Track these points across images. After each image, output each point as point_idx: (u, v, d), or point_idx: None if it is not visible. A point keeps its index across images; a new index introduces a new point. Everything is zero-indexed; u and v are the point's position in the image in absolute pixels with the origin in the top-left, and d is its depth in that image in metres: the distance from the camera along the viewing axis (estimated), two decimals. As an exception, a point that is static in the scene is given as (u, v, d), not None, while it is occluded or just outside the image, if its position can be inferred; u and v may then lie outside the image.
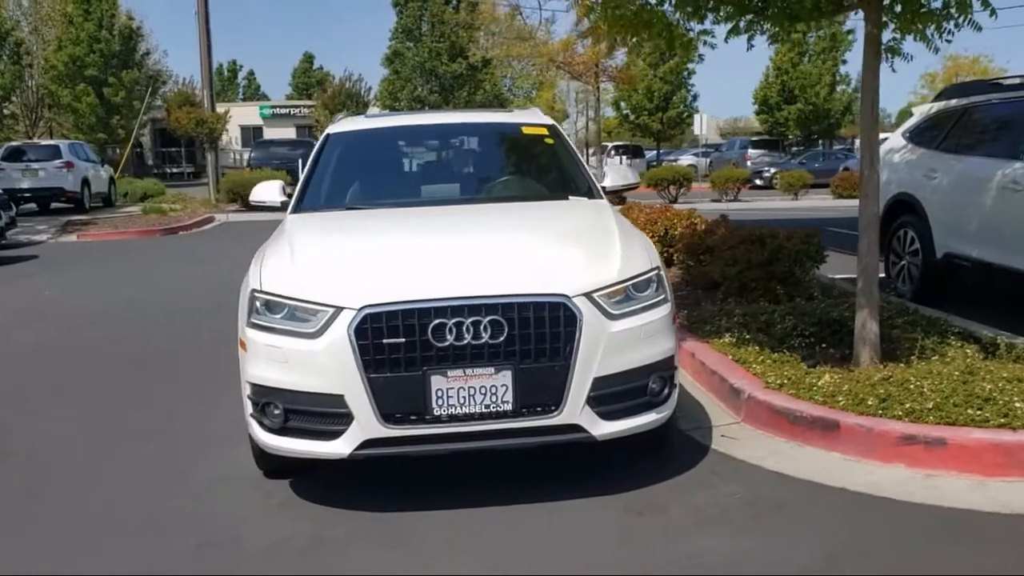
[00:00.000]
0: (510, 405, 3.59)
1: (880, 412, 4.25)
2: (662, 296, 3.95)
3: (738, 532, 3.52)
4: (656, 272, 3.99)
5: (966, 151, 7.19)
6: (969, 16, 4.95)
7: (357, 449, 3.61)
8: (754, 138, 42.76)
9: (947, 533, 3.46)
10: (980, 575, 3.14)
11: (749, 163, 34.96)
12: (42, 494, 4.22)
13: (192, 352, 7.00)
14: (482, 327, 3.55)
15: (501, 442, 3.65)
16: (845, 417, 4.26)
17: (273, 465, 4.17)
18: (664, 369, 3.91)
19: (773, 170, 32.22)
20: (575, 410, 3.64)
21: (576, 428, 3.68)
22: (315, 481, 4.14)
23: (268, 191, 5.05)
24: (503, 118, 5.77)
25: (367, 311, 3.57)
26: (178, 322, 8.26)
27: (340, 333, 3.57)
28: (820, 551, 3.33)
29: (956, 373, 4.56)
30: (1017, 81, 7.11)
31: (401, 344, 3.55)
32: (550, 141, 5.31)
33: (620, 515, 3.71)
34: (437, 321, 3.55)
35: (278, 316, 3.78)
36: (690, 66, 40.60)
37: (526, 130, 5.37)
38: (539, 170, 5.35)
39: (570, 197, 4.88)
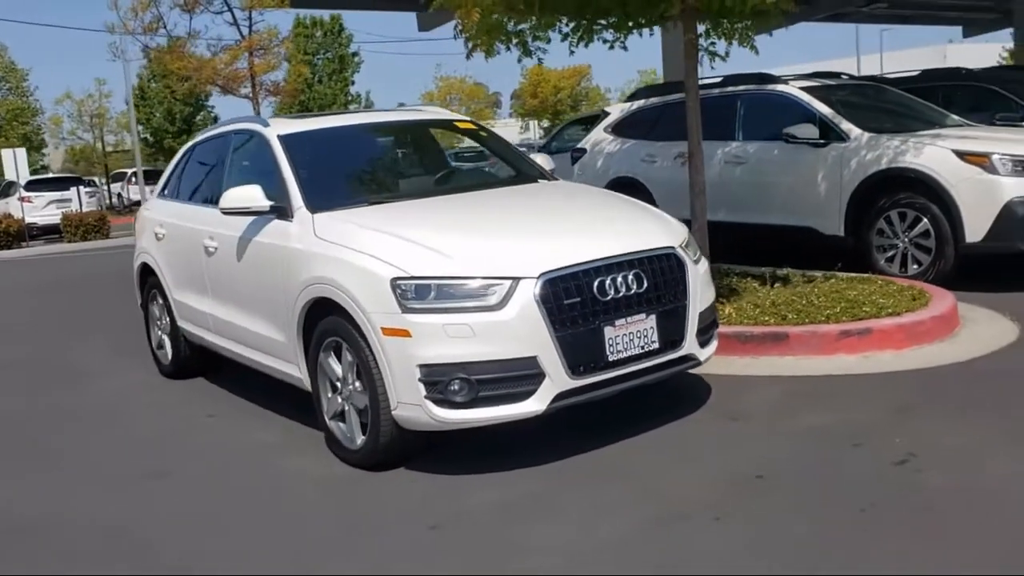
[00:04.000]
0: (657, 344, 4.23)
1: (808, 320, 5.62)
2: (698, 248, 4.85)
3: (817, 411, 4.58)
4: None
5: (667, 137, 9.00)
6: (770, 26, 6.60)
7: (551, 403, 3.95)
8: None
9: (914, 384, 4.89)
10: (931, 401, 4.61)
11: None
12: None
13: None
14: (630, 279, 4.14)
15: (652, 377, 4.27)
16: (790, 328, 5.55)
17: (391, 458, 4.22)
18: (714, 305, 4.82)
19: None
20: (691, 341, 4.40)
21: (692, 357, 4.43)
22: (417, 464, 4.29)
23: (250, 196, 4.79)
24: (428, 115, 6.04)
25: (546, 277, 3.94)
26: None
27: (526, 300, 3.89)
28: (881, 409, 4.52)
29: (813, 291, 6.12)
30: (709, 81, 9.12)
31: (577, 302, 3.99)
32: (484, 134, 5.79)
33: (722, 423, 4.56)
34: (599, 279, 4.06)
35: (431, 296, 3.93)
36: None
37: (459, 124, 5.78)
38: (500, 156, 5.77)
39: (538, 180, 5.47)
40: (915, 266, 7.17)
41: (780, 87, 8.29)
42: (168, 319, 6.29)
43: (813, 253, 7.72)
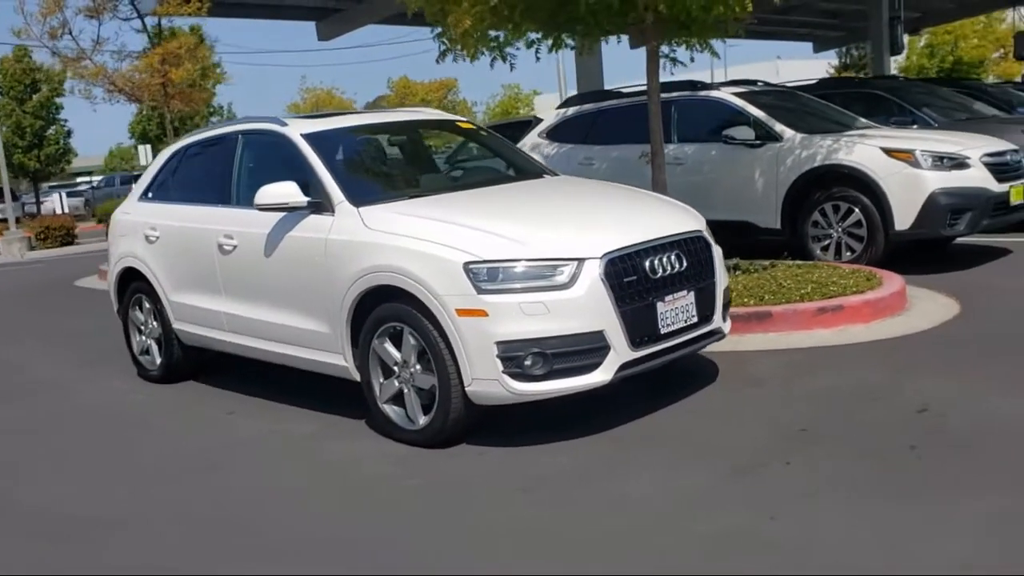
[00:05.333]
0: (696, 318, 4.64)
1: (785, 300, 6.18)
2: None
3: (823, 376, 5.10)
4: None
5: (605, 141, 9.53)
6: (725, 36, 7.19)
7: (616, 373, 4.29)
8: (135, 173, 41.90)
9: (896, 350, 5.51)
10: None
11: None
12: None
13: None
14: (673, 259, 4.54)
15: (692, 348, 4.68)
16: (772, 308, 6.09)
17: (456, 434, 4.45)
18: (729, 286, 5.27)
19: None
20: (718, 317, 4.84)
21: (719, 331, 4.88)
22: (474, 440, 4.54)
23: (288, 192, 4.89)
24: (430, 116, 6.23)
25: (608, 257, 4.29)
26: None
27: (592, 279, 4.22)
28: (880, 371, 5.08)
29: (776, 277, 6.70)
30: (640, 89, 9.69)
31: (634, 280, 4.36)
32: (484, 134, 6.07)
33: (743, 389, 5.01)
34: (649, 259, 4.44)
35: (504, 278, 4.20)
36: (58, 100, 38.43)
37: (461, 124, 6.04)
38: (500, 155, 6.04)
39: (543, 175, 5.80)
40: (848, 253, 7.91)
41: (714, 93, 8.93)
42: (159, 322, 6.25)
43: (744, 246, 8.32)
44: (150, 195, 6.47)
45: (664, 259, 4.50)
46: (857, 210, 7.81)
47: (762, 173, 8.35)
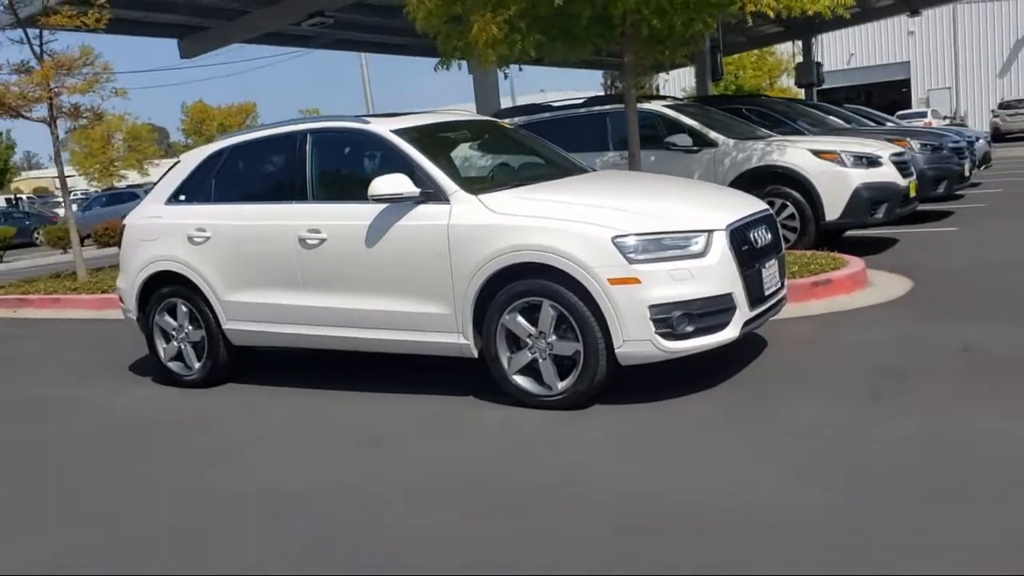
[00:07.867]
0: (779, 284, 5.37)
1: (781, 278, 7.05)
2: None
3: (855, 333, 5.97)
4: None
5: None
6: (693, 52, 8.05)
7: (741, 330, 4.91)
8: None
9: (894, 312, 6.51)
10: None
11: None
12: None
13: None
14: (764, 232, 5.26)
15: (777, 310, 5.39)
16: (774, 284, 6.94)
17: (596, 395, 4.90)
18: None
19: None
20: (784, 284, 5.59)
21: (785, 297, 5.62)
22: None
23: (401, 183, 5.11)
24: (474, 117, 6.56)
25: (730, 228, 4.92)
26: None
27: (721, 247, 4.83)
28: (896, 326, 6.02)
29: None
30: (569, 103, 10.44)
31: (747, 249, 5.02)
32: (523, 132, 6.51)
33: (799, 348, 5.79)
34: (752, 231, 5.13)
35: (651, 248, 4.72)
36: None
37: (503, 125, 6.46)
38: (543, 151, 6.46)
39: (588, 171, 6.33)
40: (783, 243, 8.97)
41: (645, 106, 9.80)
42: (199, 325, 6.19)
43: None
44: (182, 197, 6.38)
45: (760, 231, 5.20)
46: (790, 204, 8.90)
47: (701, 175, 9.28)
